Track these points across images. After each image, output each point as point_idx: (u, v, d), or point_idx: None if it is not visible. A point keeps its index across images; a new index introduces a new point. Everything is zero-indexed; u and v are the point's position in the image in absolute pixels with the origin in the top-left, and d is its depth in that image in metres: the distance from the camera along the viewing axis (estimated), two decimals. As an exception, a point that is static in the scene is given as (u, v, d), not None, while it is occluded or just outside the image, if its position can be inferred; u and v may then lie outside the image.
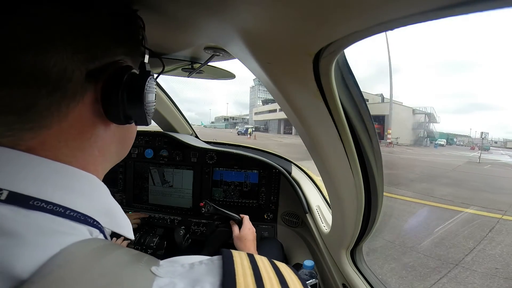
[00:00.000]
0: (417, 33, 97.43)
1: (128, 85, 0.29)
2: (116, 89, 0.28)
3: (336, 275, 0.86)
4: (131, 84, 0.29)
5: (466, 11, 0.20)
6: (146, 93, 0.31)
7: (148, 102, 0.31)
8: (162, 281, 0.20)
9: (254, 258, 0.25)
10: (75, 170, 0.26)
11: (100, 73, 0.27)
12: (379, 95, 29.84)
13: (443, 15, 0.21)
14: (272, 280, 0.23)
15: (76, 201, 0.25)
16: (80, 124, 0.27)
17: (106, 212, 0.28)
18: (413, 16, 0.23)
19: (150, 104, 0.32)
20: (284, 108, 0.52)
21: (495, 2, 0.20)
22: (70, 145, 0.26)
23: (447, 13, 0.21)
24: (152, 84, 0.32)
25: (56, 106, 0.24)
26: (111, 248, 0.22)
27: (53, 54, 0.23)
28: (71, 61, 0.24)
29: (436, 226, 3.88)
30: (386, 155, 13.75)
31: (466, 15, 0.21)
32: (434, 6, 0.21)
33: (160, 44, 0.58)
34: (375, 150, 0.51)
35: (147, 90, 0.31)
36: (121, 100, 0.28)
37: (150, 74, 0.31)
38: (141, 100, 0.30)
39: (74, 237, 0.21)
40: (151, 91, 0.32)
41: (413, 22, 0.24)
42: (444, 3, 0.20)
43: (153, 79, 0.33)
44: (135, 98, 0.30)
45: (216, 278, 0.21)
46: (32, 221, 0.21)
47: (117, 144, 0.33)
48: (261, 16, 0.30)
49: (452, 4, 0.20)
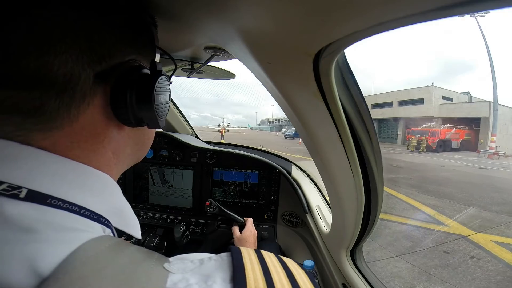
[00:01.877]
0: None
1: (137, 86, 0.28)
2: (124, 90, 0.27)
3: (336, 275, 0.86)
4: (140, 85, 0.28)
5: (466, 11, 0.20)
6: (156, 94, 0.30)
7: (159, 104, 0.30)
8: (175, 277, 0.21)
9: (261, 254, 0.26)
10: (91, 169, 0.27)
11: (109, 74, 0.26)
12: (466, 93, 24.74)
13: (443, 15, 0.21)
14: (280, 274, 0.23)
15: (90, 200, 0.25)
16: (92, 126, 0.26)
17: (117, 212, 0.29)
18: (413, 16, 0.23)
19: (161, 106, 0.31)
20: (284, 108, 0.52)
21: (495, 2, 0.20)
22: (83, 147, 0.26)
23: (447, 13, 0.21)
24: (164, 84, 0.31)
25: (66, 108, 0.24)
26: (124, 245, 0.23)
27: (56, 57, 0.22)
28: (76, 63, 0.23)
29: None
30: (500, 172, 9.43)
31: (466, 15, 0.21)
32: (434, 6, 0.21)
33: (160, 44, 0.58)
34: (375, 150, 0.51)
35: (157, 91, 0.30)
36: (129, 102, 0.27)
37: (161, 74, 0.30)
38: (150, 102, 0.29)
39: (90, 234, 0.22)
40: (163, 92, 0.31)
41: (413, 22, 0.24)
42: (444, 3, 0.20)
43: (165, 79, 0.32)
44: (144, 99, 0.29)
45: (227, 273, 0.22)
46: (50, 219, 0.21)
47: (132, 146, 0.33)
48: (261, 16, 0.30)
49: (452, 4, 0.20)
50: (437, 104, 23.31)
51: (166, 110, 0.33)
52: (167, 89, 0.33)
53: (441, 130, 18.89)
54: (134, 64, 0.29)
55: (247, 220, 1.01)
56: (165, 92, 0.32)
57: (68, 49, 0.23)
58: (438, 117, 22.35)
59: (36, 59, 0.22)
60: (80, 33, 0.24)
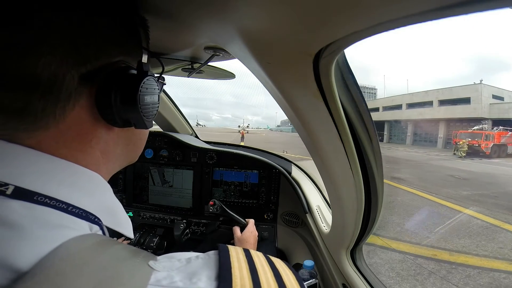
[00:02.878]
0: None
1: (121, 87, 0.28)
2: (108, 91, 0.27)
3: (336, 275, 0.86)
4: (125, 85, 0.28)
5: (466, 11, 0.20)
6: (142, 95, 0.29)
7: (145, 104, 0.30)
8: (159, 275, 0.21)
9: (249, 253, 0.26)
10: (79, 168, 0.27)
11: (95, 75, 0.26)
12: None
13: (443, 15, 0.21)
14: (267, 274, 0.23)
15: (79, 197, 0.25)
16: (79, 126, 0.26)
17: (107, 210, 0.29)
18: (413, 16, 0.23)
19: (148, 106, 0.31)
20: (284, 108, 0.52)
21: (495, 2, 0.20)
22: (69, 146, 0.26)
23: (447, 13, 0.21)
24: (150, 85, 0.31)
25: (51, 109, 0.24)
26: (110, 243, 0.22)
27: (40, 59, 0.22)
28: (61, 65, 0.23)
29: None
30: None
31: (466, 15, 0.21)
32: (434, 6, 0.21)
33: (160, 44, 0.58)
34: (375, 150, 0.51)
35: (142, 92, 0.29)
36: (114, 103, 0.27)
37: (148, 75, 0.30)
38: (135, 102, 0.29)
39: (75, 232, 0.22)
40: (149, 92, 0.31)
41: (413, 22, 0.24)
42: (444, 3, 0.20)
43: (152, 80, 0.32)
44: (129, 100, 0.28)
45: (213, 271, 0.22)
46: (35, 215, 0.21)
47: (122, 147, 0.33)
48: (261, 16, 0.30)
49: (452, 4, 0.20)
50: (487, 104, 20.93)
51: (153, 111, 0.33)
52: (155, 89, 0.33)
53: (495, 133, 16.55)
54: (122, 65, 0.29)
55: (249, 221, 1.02)
56: (153, 93, 0.32)
57: (53, 51, 0.23)
58: (488, 118, 20.22)
59: (20, 61, 0.22)
60: (65, 35, 0.24)
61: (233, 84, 24.16)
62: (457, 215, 3.88)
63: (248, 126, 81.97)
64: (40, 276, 0.17)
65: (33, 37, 0.22)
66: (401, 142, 27.92)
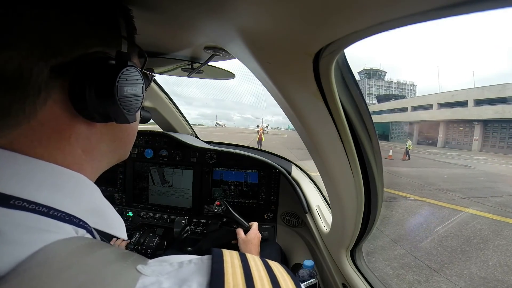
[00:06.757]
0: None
1: (96, 79, 0.26)
2: (82, 83, 0.25)
3: (336, 275, 0.86)
4: (100, 77, 0.26)
5: (466, 11, 0.20)
6: (120, 86, 0.27)
7: (124, 97, 0.28)
8: (147, 280, 0.20)
9: (245, 258, 0.24)
10: (60, 168, 0.25)
11: (68, 67, 0.24)
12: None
13: (443, 15, 0.21)
14: (264, 280, 0.22)
15: (61, 200, 0.24)
16: (54, 122, 0.25)
17: (94, 212, 0.27)
18: (413, 16, 0.23)
19: (128, 99, 0.29)
20: (284, 108, 0.52)
21: (495, 2, 0.20)
22: (46, 145, 0.25)
23: (447, 13, 0.21)
24: (132, 75, 0.29)
25: (19, 105, 0.22)
26: (97, 246, 0.22)
27: (1, 51, 0.21)
28: (26, 58, 0.22)
29: None
30: None
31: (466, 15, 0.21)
32: (434, 6, 0.21)
33: (160, 43, 0.58)
34: (375, 150, 0.51)
35: (121, 83, 0.27)
36: (88, 96, 0.25)
37: (128, 65, 0.28)
38: (112, 94, 0.26)
39: (58, 235, 0.21)
40: (129, 83, 0.29)
41: (413, 22, 0.24)
42: (444, 3, 0.20)
43: (134, 70, 0.29)
44: (105, 92, 0.26)
45: (204, 278, 0.21)
46: (13, 220, 0.20)
47: (108, 143, 0.31)
48: (261, 16, 0.30)
49: (452, 4, 0.20)
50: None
51: (136, 104, 0.30)
52: (137, 80, 0.30)
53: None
54: (100, 56, 0.27)
55: (253, 224, 1.02)
56: (134, 84, 0.29)
57: (14, 44, 0.21)
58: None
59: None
60: (30, 26, 0.22)
61: (254, 83, 22.66)
62: None
63: (267, 126, 76.89)
64: (14, 281, 0.17)
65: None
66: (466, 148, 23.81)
